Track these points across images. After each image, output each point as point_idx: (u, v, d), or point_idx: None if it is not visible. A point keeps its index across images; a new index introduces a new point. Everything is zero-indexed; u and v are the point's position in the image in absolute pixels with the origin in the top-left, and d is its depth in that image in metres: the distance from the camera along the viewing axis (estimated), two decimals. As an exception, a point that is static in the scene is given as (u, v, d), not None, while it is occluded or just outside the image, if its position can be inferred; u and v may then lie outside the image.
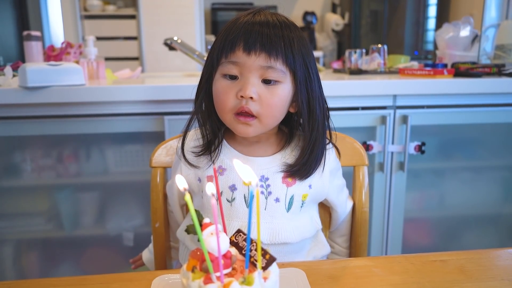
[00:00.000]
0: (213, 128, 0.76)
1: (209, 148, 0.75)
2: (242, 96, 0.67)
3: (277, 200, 0.74)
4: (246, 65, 0.67)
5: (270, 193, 0.73)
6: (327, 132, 0.77)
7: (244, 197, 0.74)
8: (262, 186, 0.73)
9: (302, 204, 0.76)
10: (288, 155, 0.75)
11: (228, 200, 0.74)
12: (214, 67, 0.71)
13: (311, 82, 0.71)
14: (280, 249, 0.74)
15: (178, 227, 0.88)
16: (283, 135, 0.79)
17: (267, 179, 0.73)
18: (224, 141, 0.77)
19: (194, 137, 0.79)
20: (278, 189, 0.74)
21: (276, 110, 0.70)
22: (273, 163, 0.74)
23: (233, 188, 0.74)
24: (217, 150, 0.75)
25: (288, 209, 0.74)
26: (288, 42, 0.68)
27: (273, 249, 0.73)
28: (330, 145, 0.79)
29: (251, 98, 0.67)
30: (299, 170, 0.73)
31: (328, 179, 0.78)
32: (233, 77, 0.69)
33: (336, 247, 0.92)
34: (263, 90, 0.68)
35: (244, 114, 0.69)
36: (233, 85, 0.69)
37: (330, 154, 0.79)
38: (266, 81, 0.68)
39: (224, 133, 0.78)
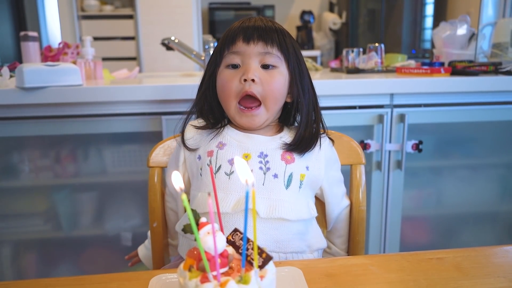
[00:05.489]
0: (216, 117, 0.84)
1: (214, 126, 0.83)
2: (245, 80, 0.76)
3: (275, 176, 0.76)
4: (246, 52, 0.77)
5: (268, 169, 0.77)
6: (320, 124, 0.84)
7: None
8: (261, 162, 0.77)
9: (301, 184, 0.78)
10: (287, 136, 0.82)
11: (226, 174, 0.77)
12: (218, 62, 0.80)
13: (302, 71, 0.81)
14: (277, 225, 0.75)
15: (175, 223, 0.89)
16: (282, 126, 0.86)
17: (266, 155, 0.78)
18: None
19: (196, 123, 0.84)
20: (277, 166, 0.77)
21: (277, 92, 0.78)
22: (272, 142, 0.80)
23: (232, 162, 0.77)
24: (219, 129, 0.82)
25: (287, 186, 0.77)
26: (281, 34, 0.79)
27: (270, 225, 0.75)
28: (324, 134, 0.84)
29: (253, 80, 0.76)
30: (297, 144, 0.79)
31: (323, 165, 0.81)
32: (235, 67, 0.78)
33: (334, 248, 0.92)
34: (263, 74, 0.77)
35: (248, 100, 0.77)
36: (236, 73, 0.78)
37: (325, 141, 0.83)
38: (265, 66, 0.78)
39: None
